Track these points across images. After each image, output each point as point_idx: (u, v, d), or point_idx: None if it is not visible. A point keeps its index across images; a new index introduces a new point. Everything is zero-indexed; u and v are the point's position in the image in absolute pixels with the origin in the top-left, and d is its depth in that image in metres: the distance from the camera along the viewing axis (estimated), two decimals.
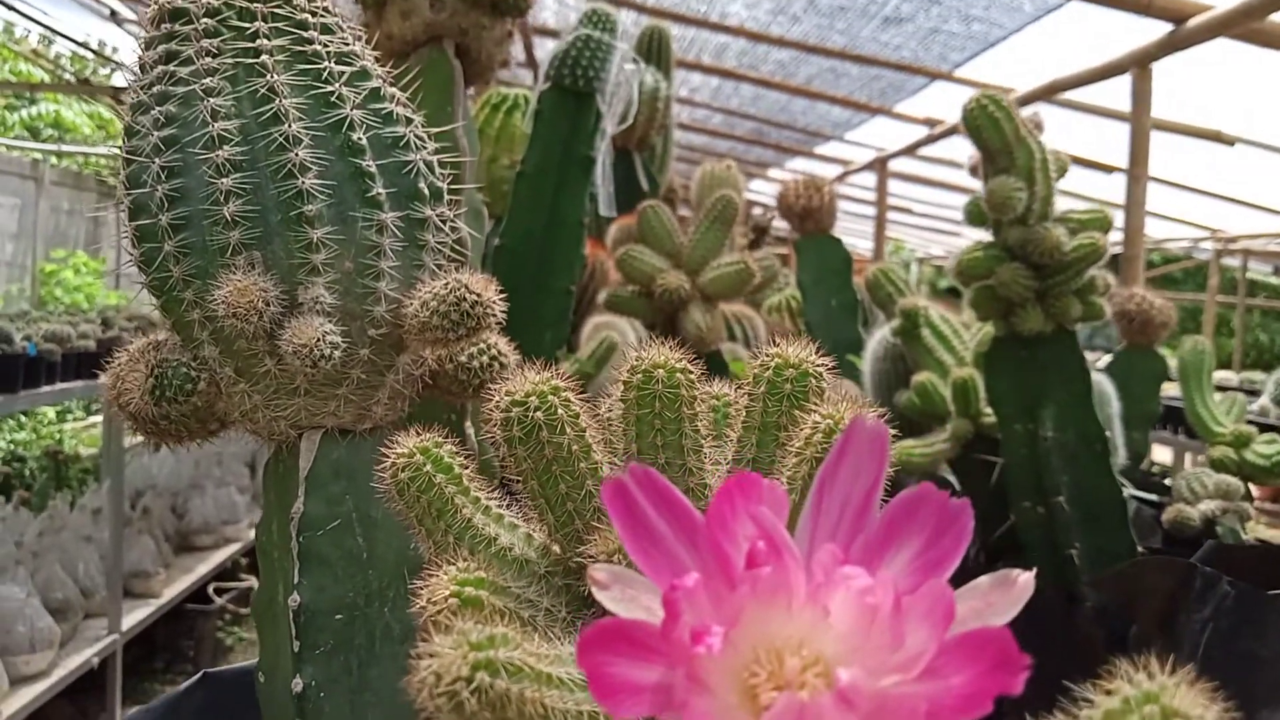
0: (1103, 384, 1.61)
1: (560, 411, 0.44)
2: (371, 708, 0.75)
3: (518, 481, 0.48)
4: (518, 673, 0.34)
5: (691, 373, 0.46)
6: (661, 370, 0.45)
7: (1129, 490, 1.60)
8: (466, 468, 0.49)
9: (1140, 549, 1.30)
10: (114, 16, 5.11)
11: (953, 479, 1.59)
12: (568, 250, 1.31)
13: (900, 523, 0.33)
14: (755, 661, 0.29)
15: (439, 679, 0.33)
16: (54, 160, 6.75)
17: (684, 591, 0.30)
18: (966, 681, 0.29)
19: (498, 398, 0.45)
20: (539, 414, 0.44)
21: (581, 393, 0.47)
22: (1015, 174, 1.13)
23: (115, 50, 6.03)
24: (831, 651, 0.29)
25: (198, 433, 0.79)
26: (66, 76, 7.06)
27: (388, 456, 0.48)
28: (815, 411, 0.41)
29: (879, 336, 1.62)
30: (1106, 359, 2.14)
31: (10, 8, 4.70)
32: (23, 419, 5.05)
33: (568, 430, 0.45)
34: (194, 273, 0.67)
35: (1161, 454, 4.17)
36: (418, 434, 0.49)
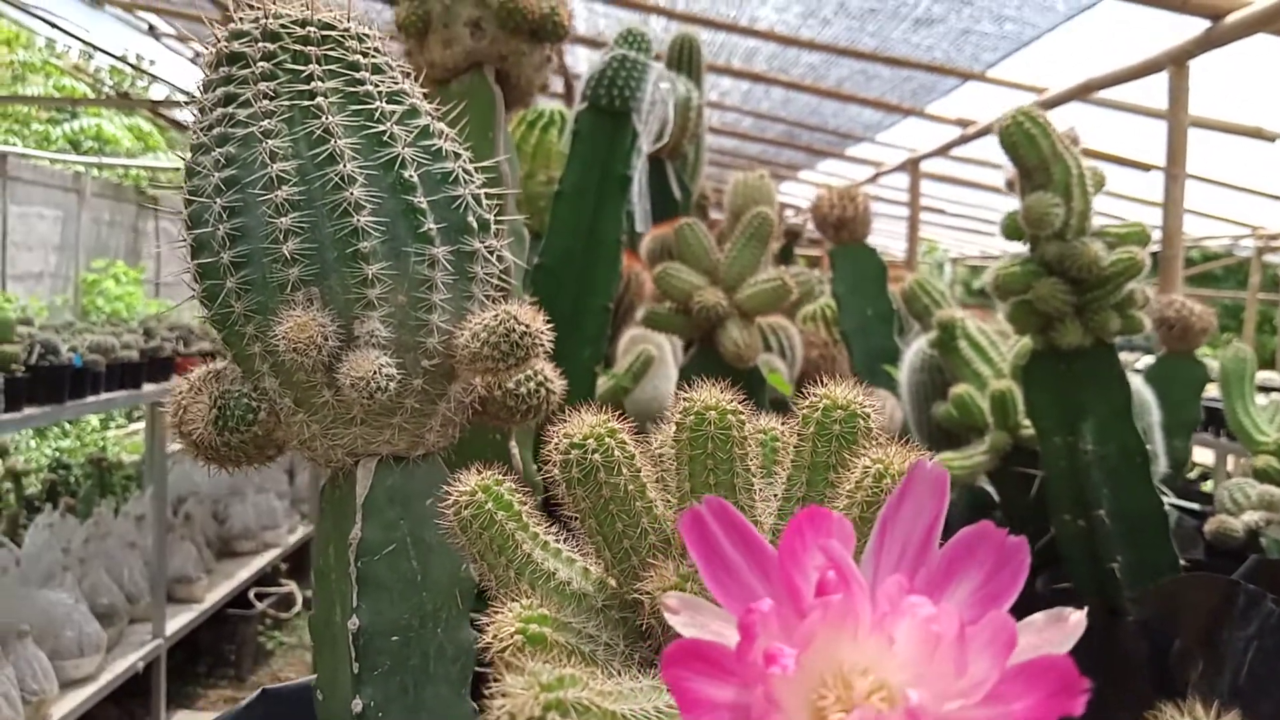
0: (1142, 392, 1.60)
1: (617, 453, 0.46)
2: None
3: (574, 518, 0.49)
4: (586, 712, 0.36)
5: (742, 414, 0.47)
6: (714, 412, 0.46)
7: (1170, 500, 1.59)
8: (525, 504, 0.51)
9: (1182, 561, 1.29)
10: (152, 31, 5.21)
11: (991, 490, 1.59)
12: (606, 269, 1.33)
13: (961, 558, 0.35)
14: (824, 685, 0.31)
15: (513, 718, 0.35)
16: (95, 173, 6.89)
17: (759, 615, 0.31)
18: (1029, 706, 0.30)
19: (556, 440, 0.47)
20: (596, 456, 0.46)
21: (636, 432, 0.49)
22: (1052, 189, 1.13)
23: (153, 63, 6.14)
24: (896, 678, 0.31)
25: (255, 458, 0.82)
26: (106, 90, 7.21)
27: (450, 494, 0.50)
28: (865, 455, 0.43)
29: (916, 348, 1.62)
30: (1145, 360, 2.12)
31: (52, 25, 4.81)
32: (67, 427, 5.15)
33: (624, 471, 0.47)
34: (255, 308, 0.69)
35: (1203, 455, 4.11)
36: (479, 471, 0.51)
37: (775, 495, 0.50)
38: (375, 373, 0.68)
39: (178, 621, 2.70)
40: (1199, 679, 1.00)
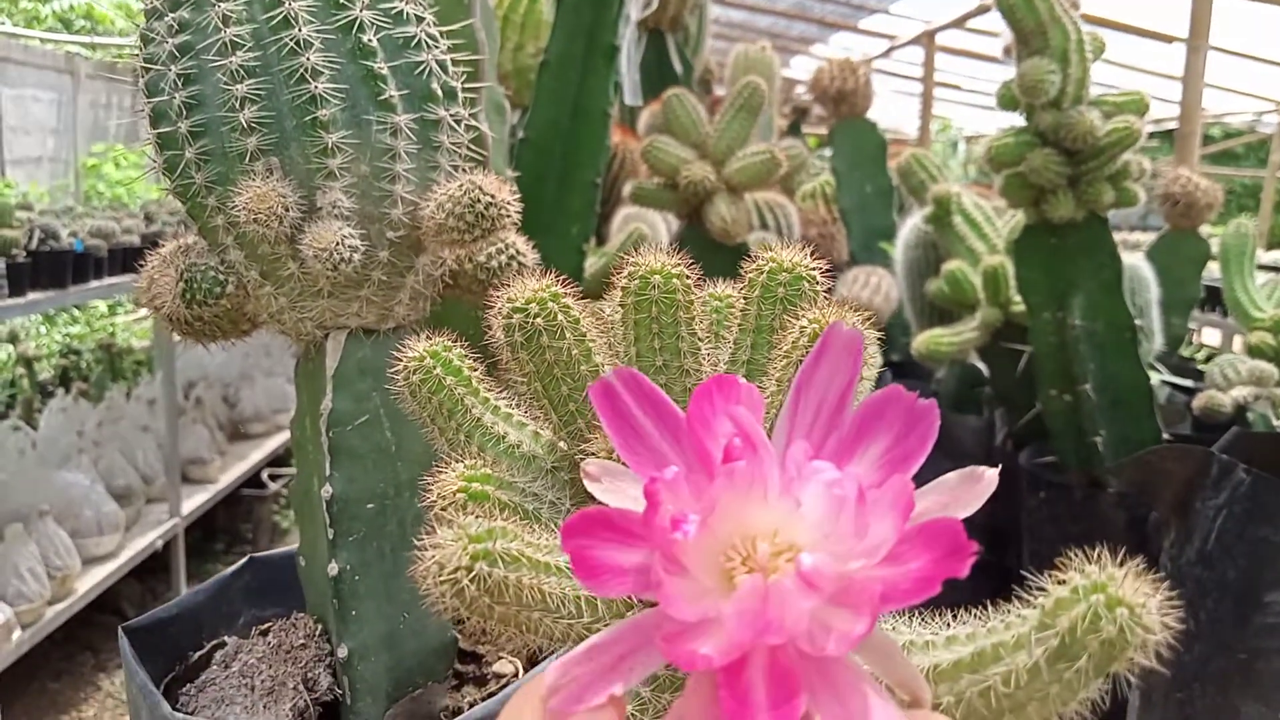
0: (1140, 269, 1.58)
1: (560, 317, 0.46)
2: (405, 590, 0.79)
3: (522, 383, 0.50)
4: (515, 562, 0.36)
5: (688, 278, 0.47)
6: (658, 276, 0.46)
7: (1163, 376, 1.59)
8: (476, 370, 0.51)
9: (1166, 436, 1.30)
10: None
11: (982, 367, 1.59)
12: (593, 142, 1.30)
13: (870, 422, 0.35)
14: (732, 548, 0.32)
15: (441, 568, 0.36)
16: (88, 53, 6.72)
17: (664, 483, 0.32)
18: (921, 567, 0.31)
19: (499, 304, 0.47)
20: (539, 319, 0.46)
21: (583, 297, 0.49)
22: (1049, 56, 1.09)
23: None
24: (803, 540, 0.31)
25: (230, 333, 0.82)
26: None
27: (400, 360, 0.50)
28: (804, 315, 0.43)
29: (910, 224, 1.60)
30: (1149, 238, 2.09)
31: None
32: (76, 313, 5.18)
33: (568, 335, 0.46)
34: (215, 179, 0.68)
35: (1211, 337, 4.10)
36: (429, 337, 0.51)
37: (721, 360, 0.50)
38: (338, 244, 0.67)
39: (193, 501, 2.77)
40: (1170, 547, 1.02)
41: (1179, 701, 1.01)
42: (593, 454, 0.47)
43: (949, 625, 0.36)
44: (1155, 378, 1.49)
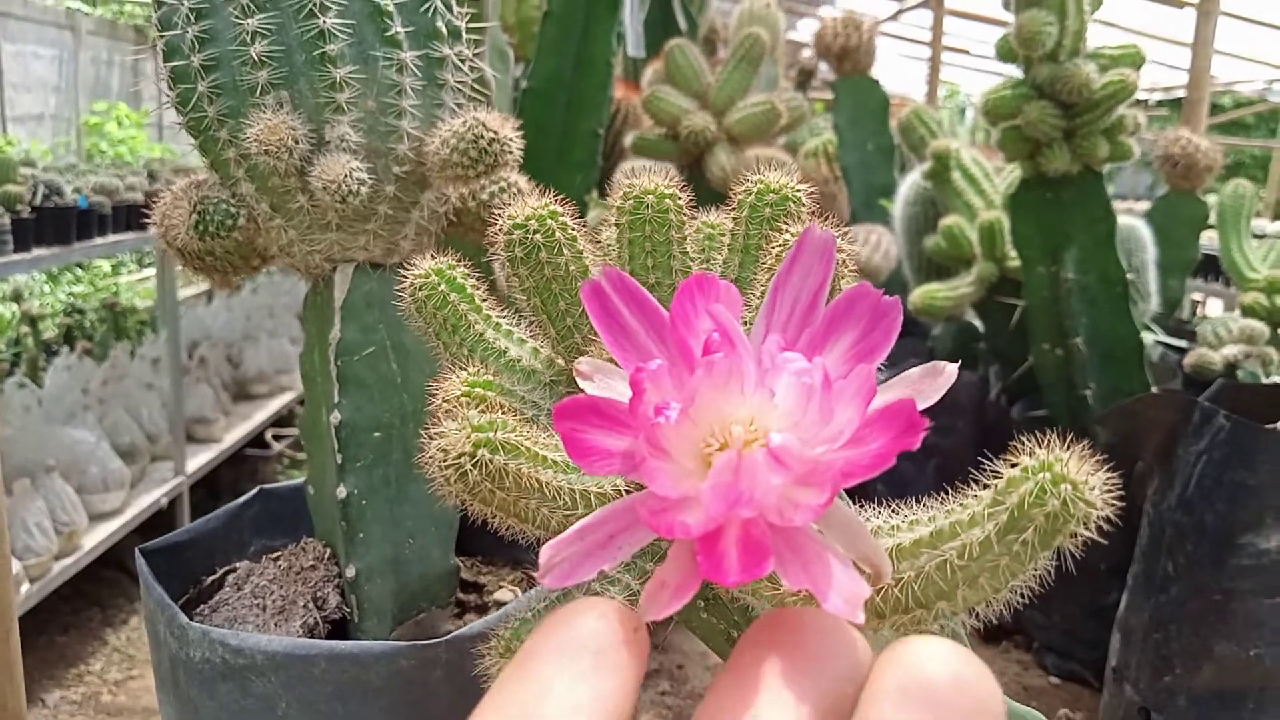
0: (1137, 229, 1.60)
1: (558, 234, 0.48)
2: (410, 517, 0.83)
3: (522, 299, 0.52)
4: (514, 450, 0.39)
5: (680, 198, 0.49)
6: (652, 195, 0.48)
7: (1156, 337, 1.61)
8: (479, 288, 0.53)
9: (1155, 390, 1.32)
10: None
11: (977, 322, 1.62)
12: (595, 92, 1.31)
13: (839, 318, 0.37)
14: (710, 434, 0.35)
15: (445, 454, 0.39)
16: (88, 8, 6.68)
17: (648, 374, 0.34)
18: (881, 445, 0.34)
19: (500, 221, 0.49)
20: (538, 235, 0.48)
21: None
22: (1047, 8, 1.10)
23: None
24: (775, 426, 0.34)
25: (241, 268, 0.85)
26: None
27: (406, 277, 0.52)
28: (787, 231, 0.45)
29: (910, 180, 1.62)
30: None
31: None
32: (79, 272, 5.20)
33: (565, 251, 0.49)
34: (227, 112, 0.70)
35: (1216, 308, 4.10)
36: (432, 256, 0.53)
37: None
38: (346, 176, 0.70)
39: (198, 460, 2.80)
40: (1152, 494, 1.05)
41: (1156, 642, 1.05)
42: None
43: (916, 513, 0.39)
44: (1149, 337, 1.51)
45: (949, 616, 0.37)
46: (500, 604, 0.93)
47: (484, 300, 0.54)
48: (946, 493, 0.38)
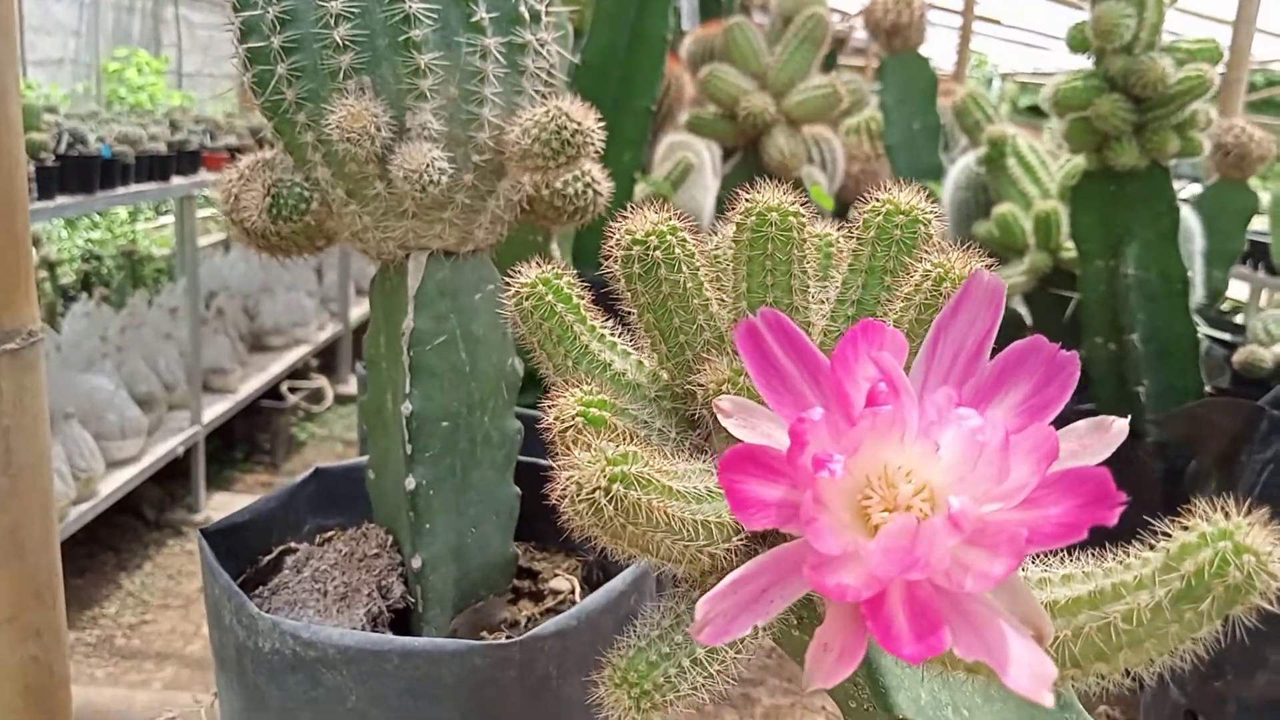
0: (1188, 220, 1.57)
1: (678, 250, 0.47)
2: (474, 505, 0.82)
3: (632, 314, 0.51)
4: (647, 485, 0.38)
5: (803, 216, 0.47)
6: (775, 213, 0.47)
7: (1204, 329, 1.59)
8: (584, 298, 0.52)
9: (1208, 389, 1.31)
10: None
11: (1024, 312, 1.60)
12: (649, 68, 1.29)
13: (1011, 369, 0.36)
14: (869, 486, 0.33)
15: (580, 489, 0.38)
16: None
17: (810, 424, 0.33)
18: (1064, 512, 0.32)
19: (618, 235, 0.47)
20: (658, 252, 0.47)
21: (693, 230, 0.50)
22: None
23: None
24: (938, 481, 0.33)
25: (305, 248, 0.84)
26: None
27: (511, 285, 0.51)
28: (926, 260, 0.43)
29: (962, 164, 1.59)
30: (1192, 189, 2.07)
31: None
32: (97, 219, 5.18)
33: (683, 269, 0.47)
34: (306, 96, 0.69)
35: (1238, 289, 4.06)
36: (537, 264, 0.52)
37: (828, 299, 0.51)
38: (428, 165, 0.68)
39: (214, 410, 2.81)
40: (1211, 496, 1.03)
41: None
42: (701, 385, 0.48)
43: (1061, 564, 0.38)
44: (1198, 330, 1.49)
45: (1101, 677, 0.36)
46: (556, 592, 0.93)
47: (589, 310, 0.52)
48: (1086, 544, 0.37)
